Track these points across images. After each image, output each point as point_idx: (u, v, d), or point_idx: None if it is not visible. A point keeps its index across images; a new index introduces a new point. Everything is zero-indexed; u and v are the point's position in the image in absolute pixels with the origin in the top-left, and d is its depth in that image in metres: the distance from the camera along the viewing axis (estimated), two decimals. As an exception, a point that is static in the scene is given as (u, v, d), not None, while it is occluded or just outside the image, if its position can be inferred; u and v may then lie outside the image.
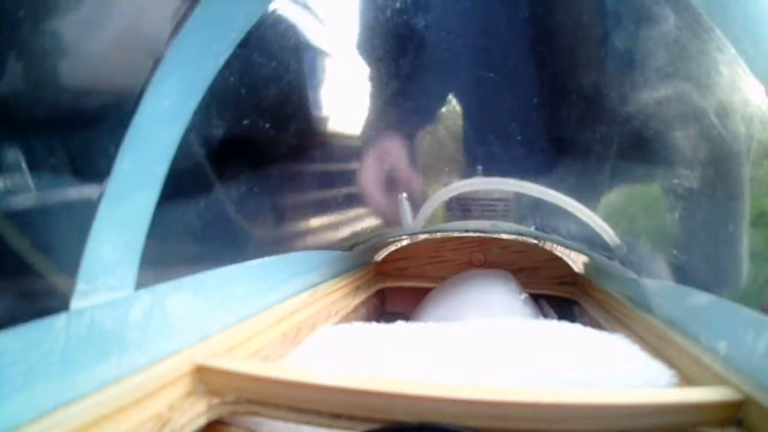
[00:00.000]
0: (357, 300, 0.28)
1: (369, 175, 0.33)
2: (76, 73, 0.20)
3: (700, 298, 0.18)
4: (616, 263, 0.26)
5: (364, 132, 0.33)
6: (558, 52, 0.32)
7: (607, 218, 0.27)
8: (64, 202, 0.19)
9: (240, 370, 0.14)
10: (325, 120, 0.32)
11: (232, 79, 0.23)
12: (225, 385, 0.14)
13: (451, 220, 0.31)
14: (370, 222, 0.32)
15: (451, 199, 0.29)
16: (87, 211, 0.14)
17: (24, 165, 0.18)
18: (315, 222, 0.32)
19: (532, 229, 0.30)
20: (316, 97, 0.31)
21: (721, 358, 0.15)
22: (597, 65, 0.30)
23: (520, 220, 0.30)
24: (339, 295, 0.26)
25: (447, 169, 0.33)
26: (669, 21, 0.28)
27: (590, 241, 0.27)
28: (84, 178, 0.18)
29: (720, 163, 0.28)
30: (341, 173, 0.34)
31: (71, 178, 0.19)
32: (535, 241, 0.32)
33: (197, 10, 0.16)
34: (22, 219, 0.18)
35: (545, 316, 0.27)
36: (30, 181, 0.18)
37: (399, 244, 0.34)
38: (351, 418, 0.13)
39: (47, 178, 0.19)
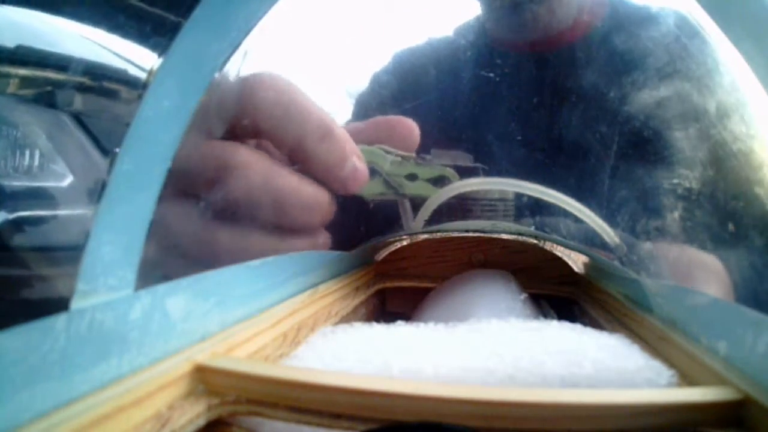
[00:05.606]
0: (357, 300, 0.28)
1: None
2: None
3: (700, 298, 0.18)
4: (616, 263, 0.26)
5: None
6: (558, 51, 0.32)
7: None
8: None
9: (240, 370, 0.14)
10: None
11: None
12: (225, 385, 0.14)
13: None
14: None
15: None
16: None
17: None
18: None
19: (532, 229, 0.30)
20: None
21: (721, 357, 0.15)
22: (597, 65, 0.30)
23: (520, 220, 0.30)
24: (339, 296, 0.26)
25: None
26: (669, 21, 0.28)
27: (590, 241, 0.27)
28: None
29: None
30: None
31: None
32: (535, 241, 0.32)
33: (197, 10, 0.16)
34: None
35: (545, 316, 0.27)
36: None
37: (399, 244, 0.34)
38: (351, 418, 0.13)
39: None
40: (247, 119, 0.22)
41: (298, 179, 0.24)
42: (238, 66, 0.21)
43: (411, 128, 0.26)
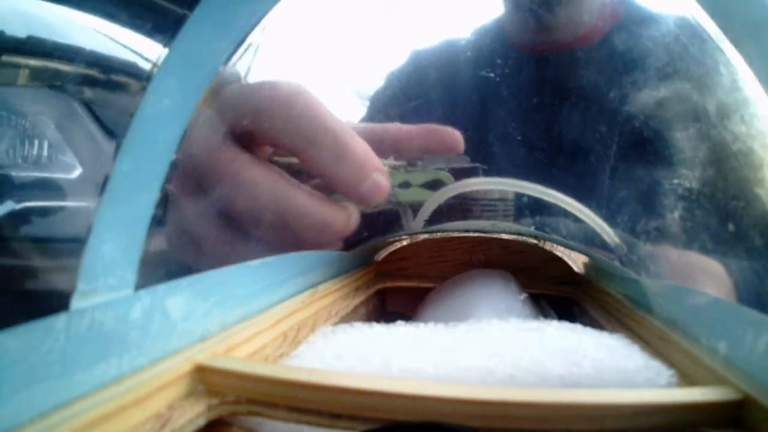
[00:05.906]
0: (357, 300, 0.28)
1: None
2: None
3: (700, 298, 0.18)
4: (616, 263, 0.26)
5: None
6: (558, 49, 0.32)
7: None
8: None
9: (240, 370, 0.14)
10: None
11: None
12: (225, 385, 0.14)
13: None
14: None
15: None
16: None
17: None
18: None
19: (532, 229, 0.30)
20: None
21: (720, 357, 0.15)
22: (601, 65, 0.30)
23: (519, 220, 0.30)
24: (339, 295, 0.26)
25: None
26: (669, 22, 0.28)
27: (590, 241, 0.27)
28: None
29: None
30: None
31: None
32: (535, 241, 0.32)
33: (197, 10, 0.16)
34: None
35: (545, 316, 0.27)
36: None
37: (399, 244, 0.34)
38: (351, 418, 0.13)
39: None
40: (261, 130, 0.22)
41: (310, 200, 0.23)
42: (249, 62, 0.21)
43: (459, 138, 0.26)
